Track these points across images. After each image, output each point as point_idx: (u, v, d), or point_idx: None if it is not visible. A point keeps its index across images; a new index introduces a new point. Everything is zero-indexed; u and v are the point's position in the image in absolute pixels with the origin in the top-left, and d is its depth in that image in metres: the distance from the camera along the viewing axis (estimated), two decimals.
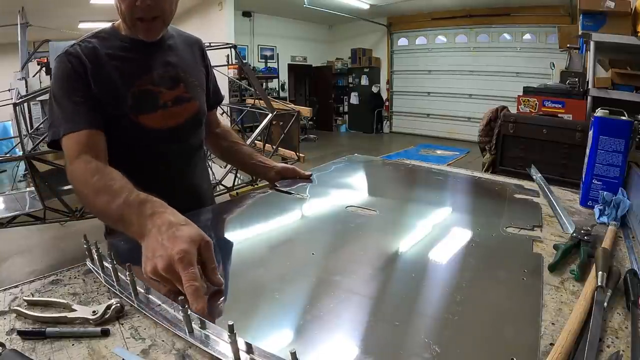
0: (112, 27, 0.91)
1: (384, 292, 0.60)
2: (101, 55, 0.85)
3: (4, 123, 6.02)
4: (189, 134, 0.98)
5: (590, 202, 0.95)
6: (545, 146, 2.22)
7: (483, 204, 1.07)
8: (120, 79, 0.86)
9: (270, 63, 8.87)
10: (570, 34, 3.23)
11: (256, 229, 0.84)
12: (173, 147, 0.94)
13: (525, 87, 2.88)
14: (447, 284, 0.60)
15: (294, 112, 3.82)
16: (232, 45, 4.01)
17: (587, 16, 2.34)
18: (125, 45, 0.89)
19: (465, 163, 6.07)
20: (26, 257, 3.12)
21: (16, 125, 2.69)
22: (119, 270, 0.57)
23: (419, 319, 0.52)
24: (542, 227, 0.82)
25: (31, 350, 0.44)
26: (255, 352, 0.43)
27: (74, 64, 0.82)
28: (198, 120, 0.99)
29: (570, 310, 0.51)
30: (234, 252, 0.73)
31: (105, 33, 0.90)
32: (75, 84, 0.82)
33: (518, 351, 0.44)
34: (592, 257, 0.64)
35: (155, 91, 0.90)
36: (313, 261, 0.67)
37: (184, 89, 0.95)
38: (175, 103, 0.93)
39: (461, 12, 7.93)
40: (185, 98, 0.95)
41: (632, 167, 0.99)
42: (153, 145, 0.92)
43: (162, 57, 0.94)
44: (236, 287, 0.58)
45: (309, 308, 0.53)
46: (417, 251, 0.73)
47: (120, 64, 0.87)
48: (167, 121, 0.91)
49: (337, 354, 0.45)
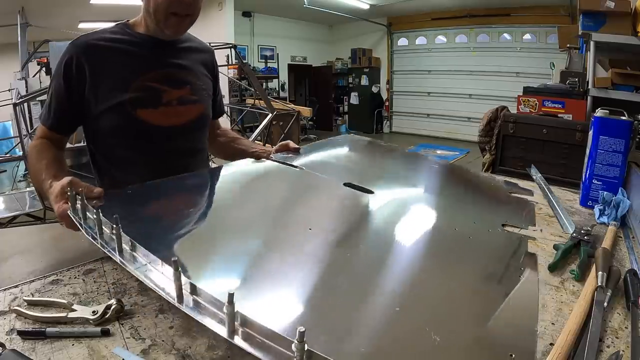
0: (124, 24, 0.94)
1: (383, 278, 0.59)
2: (108, 47, 0.87)
3: (4, 123, 6.02)
4: (191, 135, 0.98)
5: (590, 202, 0.95)
6: (545, 146, 2.22)
7: (479, 198, 1.07)
8: (124, 71, 0.88)
9: (270, 63, 8.86)
10: (570, 34, 3.22)
11: (252, 198, 0.84)
12: (173, 145, 0.95)
13: (525, 87, 2.87)
14: (445, 276, 0.60)
15: (294, 112, 3.82)
16: (232, 45, 4.01)
17: (587, 16, 2.34)
18: (136, 41, 0.91)
19: (465, 163, 6.07)
20: (26, 257, 3.12)
21: (16, 125, 2.69)
22: (103, 223, 0.55)
23: (419, 307, 0.52)
24: (540, 227, 0.81)
25: (31, 350, 0.44)
26: (251, 325, 0.40)
27: (75, 57, 0.85)
28: (202, 123, 1.00)
29: (570, 310, 0.51)
30: (227, 219, 0.73)
31: (118, 28, 0.93)
32: (65, 81, 0.86)
33: (517, 345, 0.45)
34: (592, 257, 0.64)
35: (158, 88, 0.91)
36: (310, 237, 0.66)
37: (190, 90, 0.96)
38: (180, 103, 0.93)
39: (461, 12, 7.93)
40: (190, 99, 0.96)
41: (632, 167, 0.99)
42: (153, 141, 0.92)
43: (172, 58, 0.95)
44: (228, 255, 0.58)
45: (309, 284, 0.53)
46: (412, 243, 0.71)
47: (127, 58, 0.89)
48: (169, 119, 0.92)
49: (333, 334, 0.44)
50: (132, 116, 0.88)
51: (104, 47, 0.88)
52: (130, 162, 0.92)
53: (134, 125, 0.89)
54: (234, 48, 3.98)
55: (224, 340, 0.46)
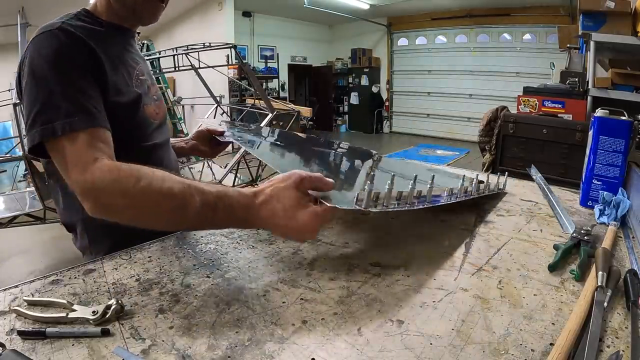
0: (86, 11, 0.77)
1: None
2: (99, 36, 0.72)
3: (4, 123, 6.03)
4: (166, 130, 0.93)
5: (590, 202, 0.95)
6: (545, 146, 2.22)
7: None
8: (123, 65, 0.78)
9: (270, 63, 8.87)
10: (570, 34, 3.23)
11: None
12: (160, 142, 0.87)
13: (525, 87, 2.88)
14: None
15: (294, 112, 3.82)
16: (232, 45, 4.01)
17: (587, 16, 2.34)
18: (110, 32, 0.77)
19: (465, 163, 6.07)
20: (26, 257, 3.12)
21: (16, 125, 2.69)
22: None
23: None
24: (540, 227, 0.82)
25: (31, 350, 0.44)
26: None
27: (74, 43, 0.66)
28: (166, 118, 0.95)
29: (570, 310, 0.51)
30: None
31: (85, 17, 0.75)
32: (79, 66, 0.66)
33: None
34: (592, 257, 0.64)
35: (147, 82, 0.85)
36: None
37: (156, 86, 0.92)
38: (157, 98, 0.89)
39: (461, 12, 7.94)
40: (160, 95, 0.91)
41: (632, 167, 0.99)
42: (147, 139, 0.83)
43: (138, 51, 0.88)
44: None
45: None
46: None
47: (118, 49, 0.78)
48: (157, 115, 0.86)
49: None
50: (141, 113, 0.79)
51: (99, 37, 0.72)
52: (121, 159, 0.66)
53: (139, 122, 0.79)
54: (234, 48, 3.98)
55: (224, 340, 0.46)
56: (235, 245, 0.72)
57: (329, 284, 0.59)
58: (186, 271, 0.62)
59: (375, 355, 0.44)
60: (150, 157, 0.82)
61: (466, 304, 0.54)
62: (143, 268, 0.63)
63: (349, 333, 0.47)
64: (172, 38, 8.07)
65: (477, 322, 0.50)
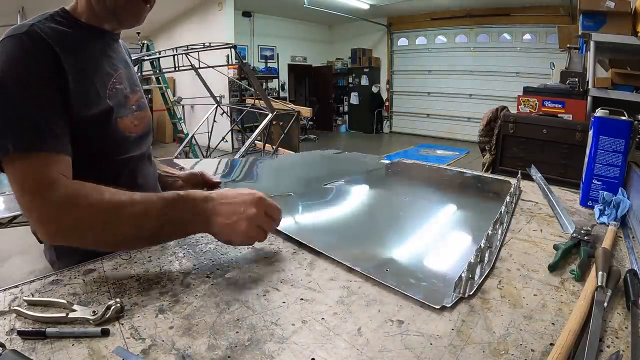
0: (64, 11, 0.71)
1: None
2: (71, 41, 0.67)
3: None
4: (147, 143, 0.86)
5: (590, 202, 0.95)
6: (545, 146, 2.22)
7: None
8: (96, 73, 0.71)
9: (270, 63, 8.87)
10: (570, 34, 3.23)
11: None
12: (136, 156, 0.81)
13: (525, 87, 2.88)
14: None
15: (294, 112, 3.83)
16: (232, 45, 4.01)
17: (587, 16, 2.34)
18: (89, 35, 0.72)
19: (466, 163, 6.07)
20: (26, 257, 3.12)
21: None
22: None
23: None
24: (540, 227, 0.82)
25: (31, 350, 0.44)
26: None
27: (39, 49, 0.61)
28: (150, 129, 0.87)
29: (570, 310, 0.51)
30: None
31: (61, 18, 0.70)
32: (41, 77, 0.61)
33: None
34: (592, 257, 0.64)
35: (124, 92, 0.77)
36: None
37: (140, 94, 0.84)
38: (138, 108, 0.81)
39: (461, 12, 7.94)
40: (143, 104, 0.84)
41: (632, 167, 0.99)
42: (120, 153, 0.76)
43: (121, 55, 0.81)
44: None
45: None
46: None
47: (92, 55, 0.71)
48: (135, 127, 0.79)
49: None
50: (114, 127, 0.72)
51: (69, 42, 0.66)
52: (88, 177, 0.62)
53: (111, 136, 0.73)
54: (234, 48, 3.98)
55: (224, 340, 0.46)
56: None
57: (329, 283, 0.59)
58: (186, 271, 0.62)
59: (375, 355, 0.44)
60: (122, 172, 0.77)
61: (466, 304, 0.54)
62: (143, 268, 0.63)
63: (348, 333, 0.48)
64: (172, 38, 8.08)
65: (477, 322, 0.50)
